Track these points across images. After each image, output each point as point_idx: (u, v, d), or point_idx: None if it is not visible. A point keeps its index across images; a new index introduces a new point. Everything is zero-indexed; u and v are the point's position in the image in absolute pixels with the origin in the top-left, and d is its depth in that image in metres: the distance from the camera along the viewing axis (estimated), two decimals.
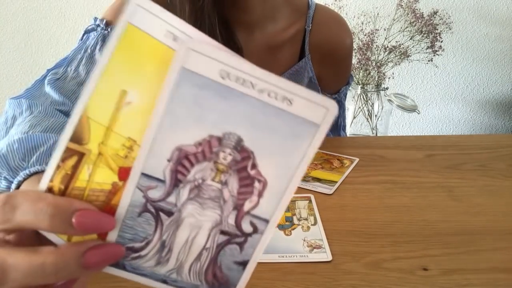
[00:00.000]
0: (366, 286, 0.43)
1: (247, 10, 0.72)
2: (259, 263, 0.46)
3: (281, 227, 0.52)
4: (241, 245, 0.25)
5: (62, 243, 0.24)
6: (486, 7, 1.69)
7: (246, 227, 0.24)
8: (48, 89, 0.63)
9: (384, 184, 0.63)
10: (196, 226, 0.24)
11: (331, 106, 0.22)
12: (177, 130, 0.22)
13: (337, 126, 0.92)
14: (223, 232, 0.24)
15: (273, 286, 0.43)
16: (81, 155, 0.23)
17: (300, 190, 0.62)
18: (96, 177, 0.24)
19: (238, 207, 0.24)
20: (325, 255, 0.47)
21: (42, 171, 0.44)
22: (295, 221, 0.54)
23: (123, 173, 0.23)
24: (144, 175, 0.23)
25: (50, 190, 0.24)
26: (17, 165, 0.46)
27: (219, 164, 0.23)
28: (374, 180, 0.64)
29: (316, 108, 0.22)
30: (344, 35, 0.81)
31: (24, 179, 0.44)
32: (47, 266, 0.21)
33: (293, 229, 0.52)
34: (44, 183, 0.24)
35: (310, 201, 0.58)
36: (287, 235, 0.51)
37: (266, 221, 0.24)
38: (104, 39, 0.68)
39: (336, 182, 0.63)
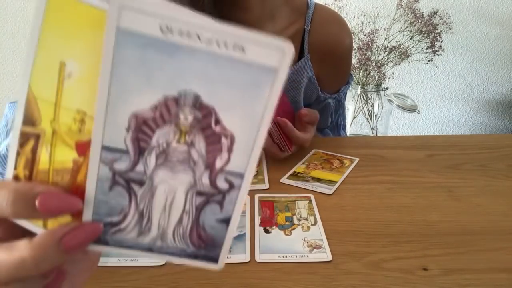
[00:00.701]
0: (366, 286, 0.43)
1: (246, 9, 0.72)
2: (259, 263, 0.46)
3: (281, 227, 0.52)
4: (220, 203, 0.24)
5: (38, 232, 0.23)
6: (486, 7, 1.69)
7: (222, 184, 0.24)
8: None
9: (384, 184, 0.63)
10: (171, 191, 0.24)
11: (287, 47, 0.20)
12: (128, 96, 0.21)
13: (337, 126, 0.92)
14: (199, 193, 0.24)
15: (273, 286, 0.43)
16: (37, 137, 0.23)
17: (300, 190, 0.62)
18: (56, 157, 0.23)
19: (209, 166, 0.23)
20: (325, 255, 0.47)
21: None
22: (295, 221, 0.53)
23: (81, 148, 0.23)
24: (105, 148, 0.22)
25: (16, 178, 0.23)
26: None
27: (181, 125, 0.22)
28: (374, 180, 0.64)
29: (271, 52, 0.20)
30: (343, 34, 0.80)
31: None
32: (26, 261, 0.21)
33: (293, 229, 0.52)
34: (9, 172, 0.23)
35: (310, 201, 0.58)
36: (287, 235, 0.51)
37: (241, 176, 0.23)
38: None
39: (336, 182, 0.63)
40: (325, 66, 0.80)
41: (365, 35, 1.34)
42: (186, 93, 0.21)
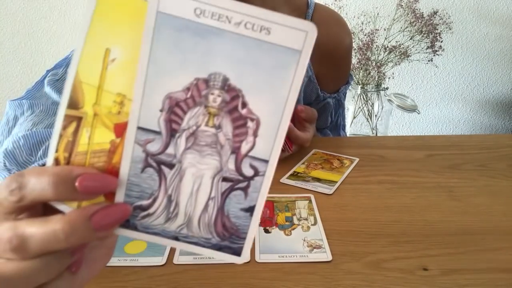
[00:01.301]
0: (366, 286, 0.43)
1: None
2: (259, 263, 0.46)
3: (281, 227, 0.52)
4: (245, 190, 0.24)
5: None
6: (486, 7, 1.69)
7: (247, 170, 0.24)
8: (48, 89, 0.63)
9: (384, 184, 0.63)
10: (199, 176, 0.24)
11: (310, 28, 0.21)
12: (164, 78, 0.22)
13: (337, 126, 0.92)
14: (225, 179, 0.24)
15: (273, 286, 0.43)
16: (79, 120, 0.24)
17: (300, 190, 0.62)
18: (95, 139, 0.24)
19: (235, 150, 0.24)
20: (325, 255, 0.47)
21: None
22: (295, 221, 0.53)
23: (119, 129, 0.24)
24: (140, 128, 0.23)
25: (56, 160, 0.25)
26: (25, 160, 0.47)
27: (210, 107, 0.23)
28: (374, 180, 0.64)
29: (295, 34, 0.21)
30: (343, 34, 0.81)
31: None
32: (57, 232, 0.22)
33: (293, 229, 0.52)
34: (50, 154, 0.24)
35: (310, 201, 0.58)
36: (287, 235, 0.51)
37: (266, 162, 0.24)
38: None
39: (336, 182, 0.63)
40: (325, 65, 0.80)
41: (365, 35, 1.34)
42: (215, 75, 0.22)
